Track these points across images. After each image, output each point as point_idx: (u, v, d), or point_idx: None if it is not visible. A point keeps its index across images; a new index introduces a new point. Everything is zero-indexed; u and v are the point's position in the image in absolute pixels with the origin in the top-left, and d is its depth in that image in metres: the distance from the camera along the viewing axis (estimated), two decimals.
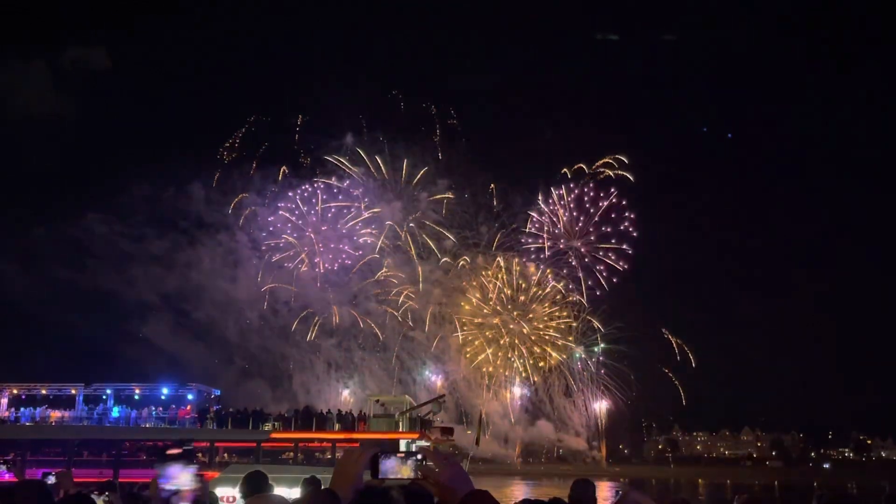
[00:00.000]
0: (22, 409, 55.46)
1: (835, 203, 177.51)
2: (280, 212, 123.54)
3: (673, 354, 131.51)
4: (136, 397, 58.84)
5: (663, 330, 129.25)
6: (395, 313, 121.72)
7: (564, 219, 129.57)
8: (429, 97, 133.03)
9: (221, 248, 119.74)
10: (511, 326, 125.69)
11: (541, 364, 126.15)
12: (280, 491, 7.61)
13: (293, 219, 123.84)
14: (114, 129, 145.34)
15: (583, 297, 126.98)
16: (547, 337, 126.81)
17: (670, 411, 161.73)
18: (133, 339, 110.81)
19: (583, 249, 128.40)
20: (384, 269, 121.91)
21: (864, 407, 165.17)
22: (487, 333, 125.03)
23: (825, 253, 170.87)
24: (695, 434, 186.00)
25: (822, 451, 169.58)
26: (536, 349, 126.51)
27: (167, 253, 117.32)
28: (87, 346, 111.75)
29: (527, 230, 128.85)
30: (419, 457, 3.33)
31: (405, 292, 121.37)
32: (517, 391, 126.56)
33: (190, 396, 59.64)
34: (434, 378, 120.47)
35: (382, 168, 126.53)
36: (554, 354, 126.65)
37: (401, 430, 54.20)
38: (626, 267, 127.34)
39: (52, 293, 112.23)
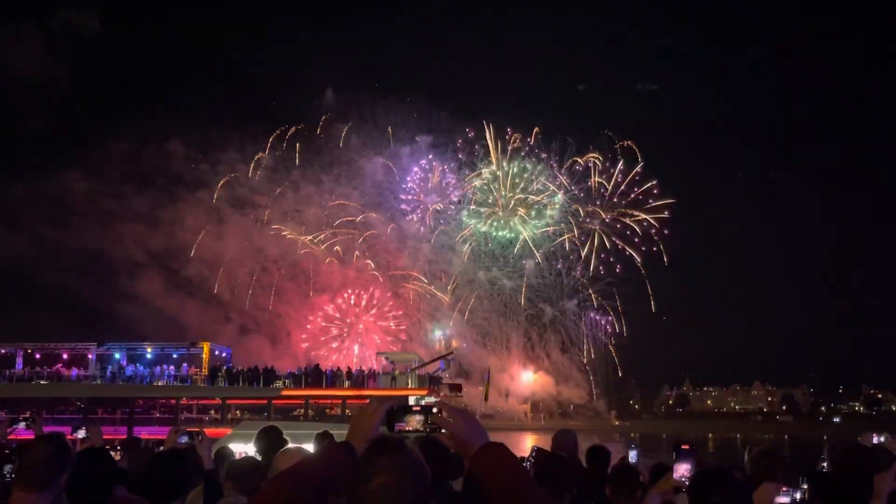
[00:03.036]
0: (37, 367, 56.12)
1: (844, 155, 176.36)
2: (264, 170, 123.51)
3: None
4: (149, 356, 59.36)
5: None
6: (401, 280, 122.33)
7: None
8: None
9: (203, 205, 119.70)
10: (504, 282, 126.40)
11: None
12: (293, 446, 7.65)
13: (278, 178, 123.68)
14: (95, 90, 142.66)
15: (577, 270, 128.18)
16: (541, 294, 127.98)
17: (680, 367, 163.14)
18: (128, 298, 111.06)
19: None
20: (371, 231, 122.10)
21: (875, 361, 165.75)
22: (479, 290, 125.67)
23: (835, 208, 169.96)
24: (705, 389, 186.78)
25: (832, 405, 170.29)
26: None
27: (149, 210, 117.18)
28: (85, 305, 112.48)
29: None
30: (435, 409, 3.32)
31: (392, 249, 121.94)
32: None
33: (202, 356, 60.15)
34: (438, 336, 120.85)
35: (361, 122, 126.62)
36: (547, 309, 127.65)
37: (409, 386, 54.55)
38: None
39: (39, 252, 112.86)
